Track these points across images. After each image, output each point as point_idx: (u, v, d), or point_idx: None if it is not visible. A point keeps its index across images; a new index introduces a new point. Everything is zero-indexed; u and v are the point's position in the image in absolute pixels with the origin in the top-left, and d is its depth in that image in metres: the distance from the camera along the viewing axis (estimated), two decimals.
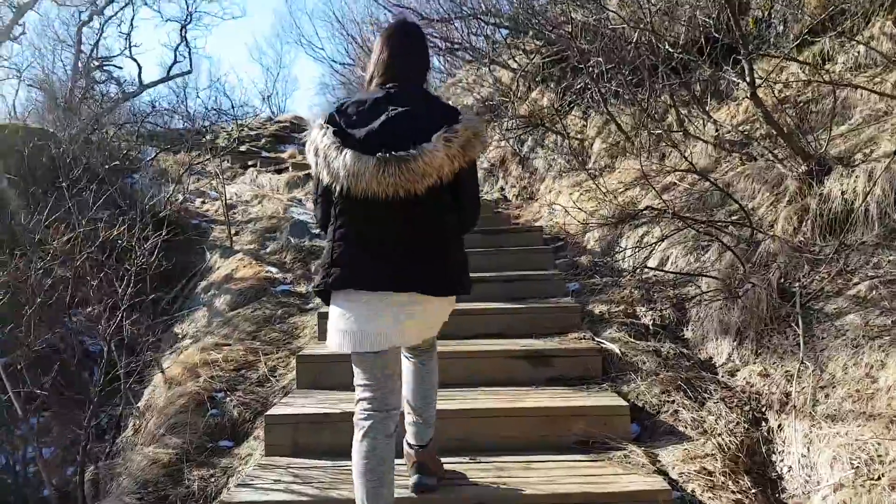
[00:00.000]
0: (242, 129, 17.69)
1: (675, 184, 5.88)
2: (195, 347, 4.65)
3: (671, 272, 4.20)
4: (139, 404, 4.28)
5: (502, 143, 8.92)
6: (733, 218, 4.73)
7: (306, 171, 10.34)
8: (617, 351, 3.44)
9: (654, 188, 4.30)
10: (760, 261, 3.86)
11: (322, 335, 3.95)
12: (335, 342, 2.16)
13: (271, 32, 44.91)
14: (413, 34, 2.39)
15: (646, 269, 4.62)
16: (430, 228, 2.14)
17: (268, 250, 6.89)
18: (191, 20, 12.84)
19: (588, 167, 6.88)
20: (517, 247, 5.13)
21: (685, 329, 3.88)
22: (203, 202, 9.64)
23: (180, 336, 5.92)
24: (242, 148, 16.15)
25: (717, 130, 6.06)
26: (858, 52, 5.41)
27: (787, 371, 3.04)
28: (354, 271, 2.11)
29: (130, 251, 4.88)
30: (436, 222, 2.15)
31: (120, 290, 4.18)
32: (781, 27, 6.54)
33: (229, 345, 4.65)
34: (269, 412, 2.88)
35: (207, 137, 15.74)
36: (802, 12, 6.15)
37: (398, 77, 2.22)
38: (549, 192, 7.65)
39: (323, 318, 3.99)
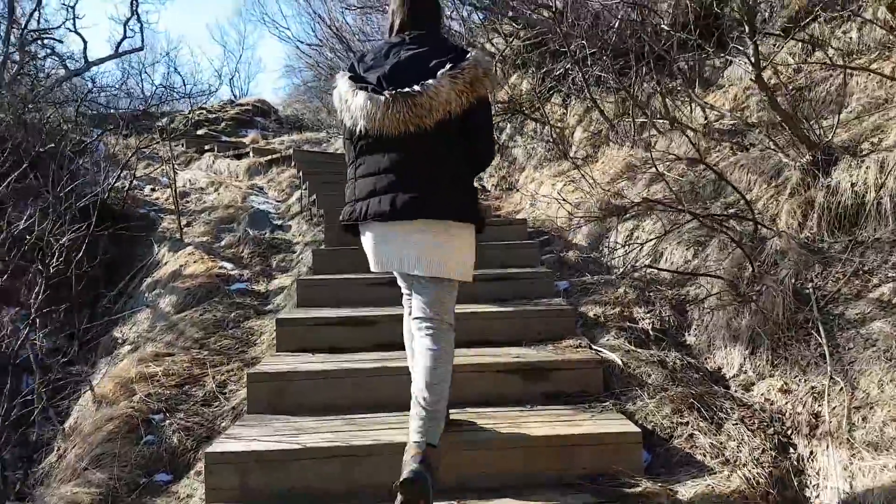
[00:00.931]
0: (201, 112, 16.92)
1: (662, 174, 5.51)
2: (131, 358, 4.10)
3: (672, 271, 3.82)
4: (66, 425, 3.73)
5: None
6: (731, 211, 4.39)
7: (268, 157, 9.75)
8: (618, 361, 3.04)
9: (658, 169, 3.90)
10: (768, 259, 3.50)
11: (282, 345, 3.47)
12: (372, 264, 2.43)
13: (234, 11, 43.32)
14: None
15: (640, 267, 4.24)
16: (441, 161, 2.24)
17: (222, 243, 6.33)
18: None
19: (570, 156, 6.48)
20: (501, 241, 4.69)
21: (687, 333, 3.50)
22: (153, 189, 8.98)
23: (120, 341, 5.34)
24: (200, 131, 15.41)
25: (706, 118, 5.71)
26: (851, 39, 5.11)
27: (812, 387, 2.67)
28: (372, 205, 2.25)
29: (43, 248, 4.25)
30: (446, 155, 2.25)
31: (35, 294, 3.58)
32: (769, 13, 6.20)
33: (172, 354, 4.11)
34: (210, 448, 2.37)
35: (163, 121, 14.99)
36: None
37: (414, 24, 2.36)
38: (531, 181, 7.24)
39: (282, 324, 3.50)
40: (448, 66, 2.19)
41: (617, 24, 6.49)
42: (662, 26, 5.05)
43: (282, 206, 7.48)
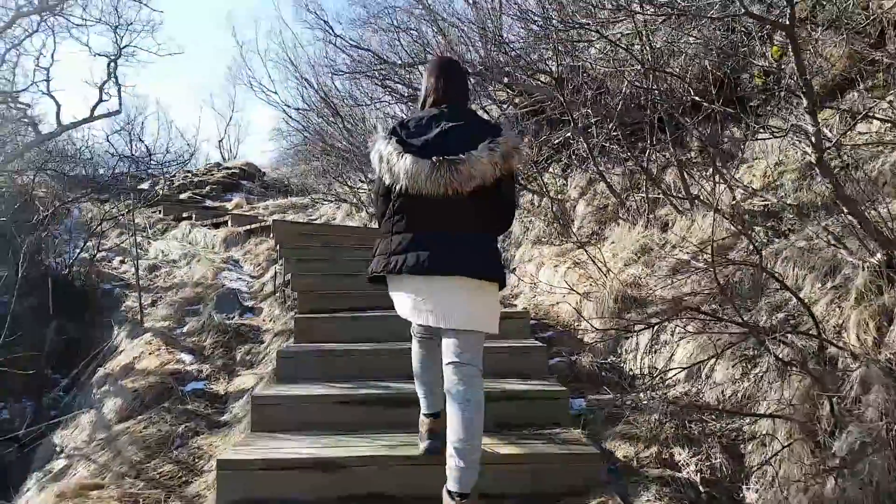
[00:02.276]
0: (186, 176, 16.39)
1: (687, 262, 4.84)
2: (51, 493, 3.30)
3: (724, 411, 3.06)
4: None
5: None
6: (780, 315, 3.68)
7: (247, 227, 9.05)
8: None
9: (716, 274, 3.20)
10: (846, 391, 2.77)
11: (224, 494, 2.68)
12: (401, 312, 2.60)
13: (225, 74, 43.46)
14: (457, 64, 2.86)
15: (671, 386, 3.50)
16: (474, 224, 2.46)
17: (185, 329, 5.57)
18: (121, 54, 11.44)
19: (576, 236, 5.81)
20: (502, 342, 3.95)
21: (746, 487, 2.72)
22: (123, 261, 8.24)
23: (58, 450, 4.52)
24: (184, 196, 14.82)
25: (734, 197, 5.07)
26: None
27: None
28: (409, 258, 2.43)
29: None
30: (478, 219, 2.47)
31: None
32: (794, 79, 5.63)
33: (101, 486, 3.32)
34: None
35: (145, 185, 14.40)
36: (825, 65, 5.29)
37: (448, 99, 2.63)
38: (529, 260, 6.55)
39: (224, 468, 2.72)
40: (487, 140, 2.43)
41: (625, 90, 5.94)
42: (692, 95, 4.44)
43: (255, 283, 6.76)
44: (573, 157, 7.10)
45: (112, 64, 11.21)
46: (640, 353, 4.10)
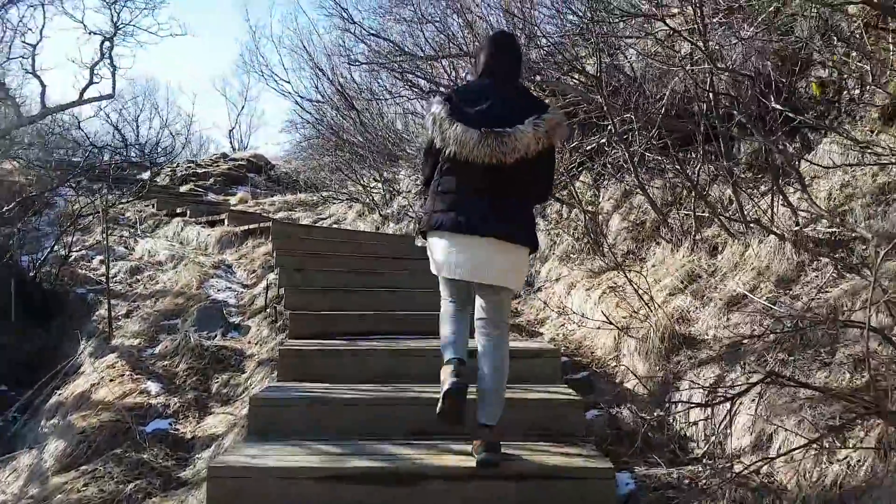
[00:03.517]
0: (189, 167, 15.74)
1: (743, 296, 4.09)
2: None
3: None
4: None
5: None
6: (867, 376, 2.91)
7: (245, 227, 8.30)
8: None
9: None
10: None
11: None
12: (433, 268, 2.83)
13: (237, 61, 42.34)
14: (513, 39, 3.08)
15: (735, 456, 2.75)
16: (514, 192, 2.67)
17: (157, 350, 4.85)
18: (117, 33, 10.68)
19: (615, 259, 5.04)
20: (530, 394, 3.19)
21: None
22: (103, 262, 7.53)
23: None
24: (184, 188, 14.12)
25: (797, 222, 4.30)
26: None
27: None
28: (451, 217, 2.66)
29: None
30: (518, 188, 2.68)
31: None
32: (858, 91, 4.80)
33: None
34: None
35: (144, 175, 13.74)
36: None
37: (501, 72, 2.82)
38: (556, 279, 5.81)
39: None
40: (533, 115, 2.63)
41: (672, 94, 5.18)
42: (773, 104, 3.68)
43: (246, 294, 6.03)
44: (607, 165, 6.33)
45: (106, 43, 10.46)
46: (693, 408, 3.35)
